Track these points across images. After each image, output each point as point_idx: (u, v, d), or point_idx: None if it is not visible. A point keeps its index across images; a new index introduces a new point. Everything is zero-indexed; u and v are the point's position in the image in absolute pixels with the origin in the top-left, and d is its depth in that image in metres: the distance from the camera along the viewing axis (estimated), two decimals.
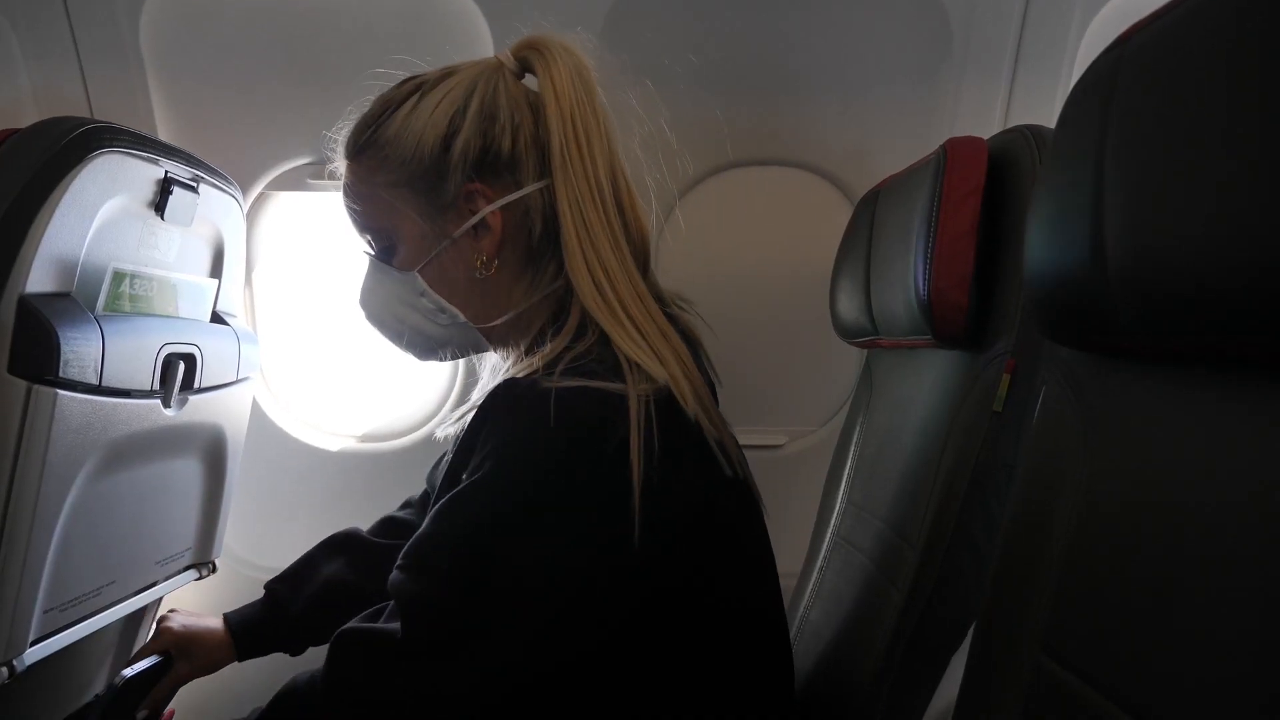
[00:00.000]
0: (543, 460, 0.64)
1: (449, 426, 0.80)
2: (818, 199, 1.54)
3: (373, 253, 0.83)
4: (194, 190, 1.18)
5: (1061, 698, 0.51)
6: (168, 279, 1.16)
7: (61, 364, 0.95)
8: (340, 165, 0.82)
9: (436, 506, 0.68)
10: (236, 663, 1.11)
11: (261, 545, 1.63)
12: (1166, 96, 0.44)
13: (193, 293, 1.23)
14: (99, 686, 1.36)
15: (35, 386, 0.94)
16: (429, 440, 1.63)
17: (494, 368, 0.88)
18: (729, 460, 0.72)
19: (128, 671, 0.99)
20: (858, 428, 1.21)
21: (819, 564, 1.17)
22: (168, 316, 1.17)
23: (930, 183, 0.90)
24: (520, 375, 0.68)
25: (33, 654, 1.02)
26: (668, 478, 0.65)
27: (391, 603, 0.69)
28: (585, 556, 0.65)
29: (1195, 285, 0.41)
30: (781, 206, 1.56)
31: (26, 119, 1.04)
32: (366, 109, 0.82)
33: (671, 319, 0.77)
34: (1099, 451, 0.53)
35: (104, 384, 1.02)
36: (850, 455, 1.20)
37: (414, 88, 0.78)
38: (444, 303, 0.79)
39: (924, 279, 0.88)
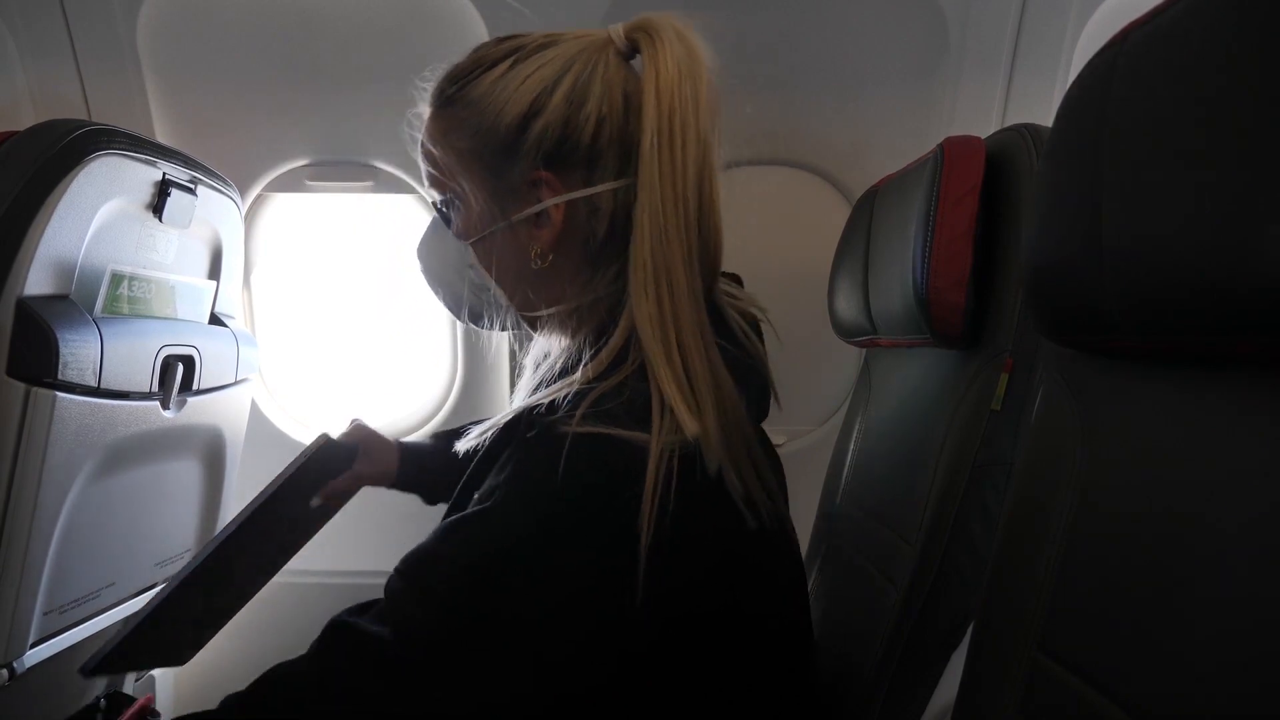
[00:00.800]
0: (547, 510, 0.61)
1: (472, 440, 0.75)
2: (815, 198, 1.54)
3: (438, 206, 0.78)
4: (192, 192, 1.18)
5: (1060, 695, 0.51)
6: (166, 281, 1.16)
7: (60, 366, 0.95)
8: (424, 110, 0.77)
9: (443, 523, 0.67)
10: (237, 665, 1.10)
11: None
12: (1163, 94, 0.44)
13: (191, 294, 1.23)
14: (99, 688, 1.36)
15: (34, 389, 0.94)
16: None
17: (535, 361, 0.84)
18: (756, 513, 0.67)
19: (333, 434, 0.99)
20: (856, 427, 1.21)
21: (818, 563, 1.17)
22: (166, 318, 1.18)
23: (928, 182, 0.90)
24: (547, 402, 0.64)
25: (33, 656, 1.02)
26: (679, 538, 0.61)
27: (383, 600, 0.68)
28: (579, 609, 0.63)
29: (1193, 284, 0.41)
30: (779, 206, 1.57)
31: (24, 120, 1.05)
32: (461, 57, 0.76)
33: (724, 348, 0.70)
34: (1096, 450, 0.53)
35: (103, 386, 1.02)
36: (849, 454, 1.20)
37: (511, 49, 0.72)
38: (490, 282, 0.76)
39: (922, 279, 0.88)
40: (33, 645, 1.03)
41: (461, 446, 0.79)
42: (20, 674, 1.00)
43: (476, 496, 0.66)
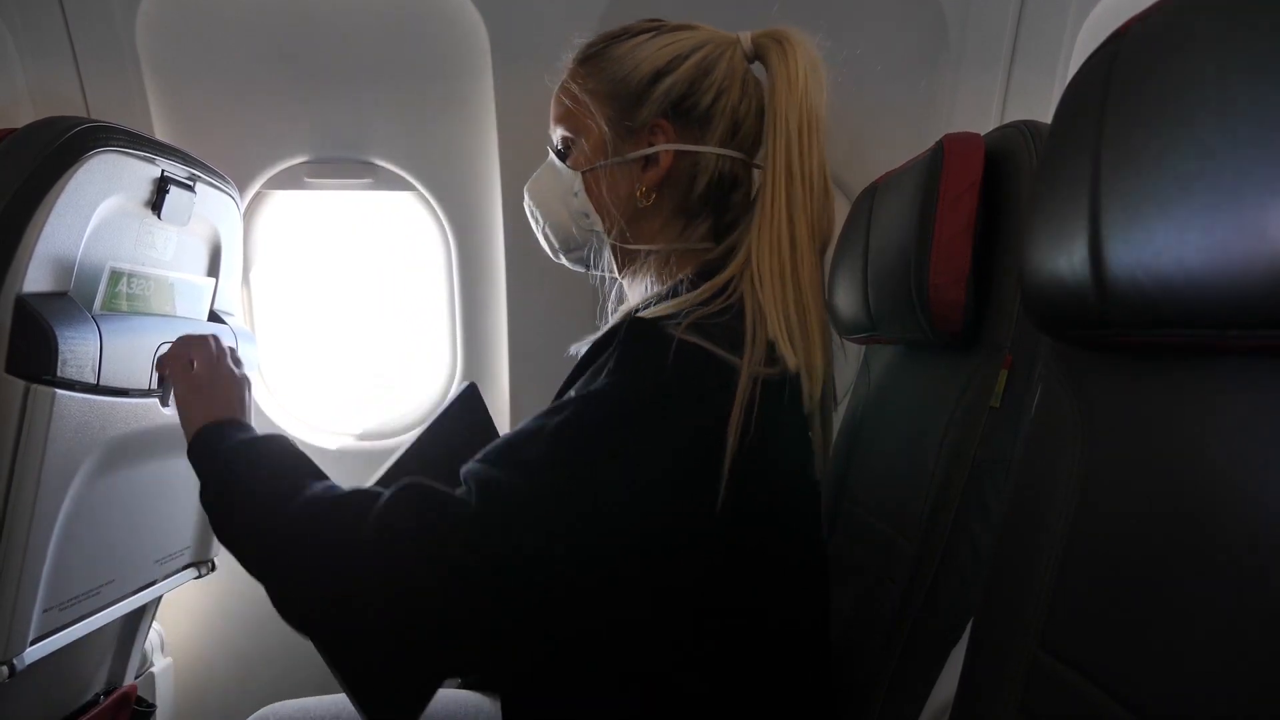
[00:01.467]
0: (648, 395, 0.67)
1: (582, 345, 0.83)
2: None
3: (556, 146, 0.90)
4: (191, 189, 1.18)
5: (1059, 691, 0.51)
6: (165, 278, 1.16)
7: (59, 363, 0.95)
8: (565, 63, 0.89)
9: (542, 410, 0.70)
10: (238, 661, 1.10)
11: None
12: (1162, 91, 0.44)
13: (190, 292, 1.23)
14: (99, 685, 1.36)
15: (33, 386, 0.94)
16: None
17: (625, 309, 0.91)
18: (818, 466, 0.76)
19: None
20: (856, 423, 1.21)
21: None
22: (165, 315, 1.17)
23: (927, 179, 0.90)
24: (651, 315, 0.71)
25: (33, 653, 1.02)
26: (756, 462, 0.67)
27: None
28: (660, 499, 0.67)
29: (1193, 280, 0.41)
30: None
31: (23, 118, 1.04)
32: (609, 28, 0.89)
33: None
34: (1096, 446, 0.53)
35: (102, 383, 1.02)
36: (848, 451, 1.20)
37: (653, 25, 0.85)
38: (591, 208, 0.86)
39: (921, 276, 0.88)
40: (33, 642, 1.03)
41: (574, 349, 0.88)
42: (20, 671, 1.00)
43: (571, 393, 0.71)
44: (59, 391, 0.96)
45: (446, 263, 1.59)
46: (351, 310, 1.72)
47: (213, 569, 1.42)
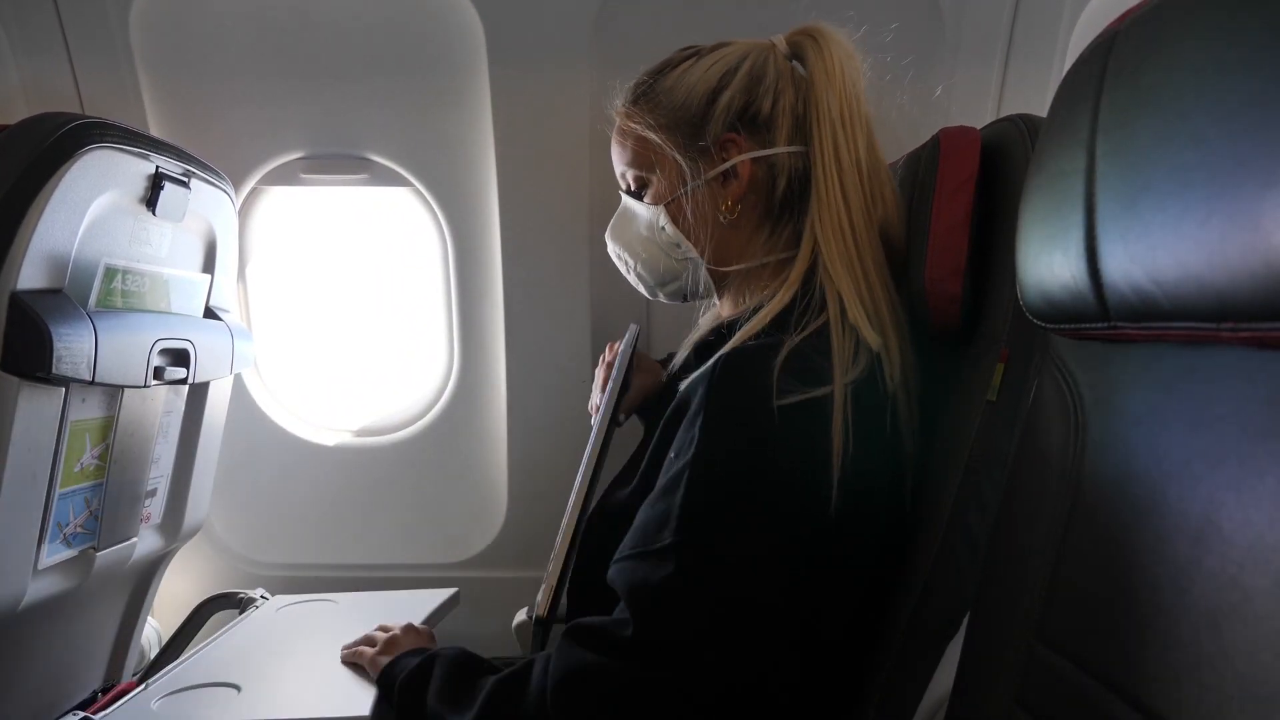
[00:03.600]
0: (755, 453, 0.69)
1: (681, 352, 0.87)
2: None
3: (630, 188, 0.91)
4: (185, 185, 1.18)
5: (1055, 683, 0.51)
6: (160, 274, 1.16)
7: (54, 361, 0.94)
8: (614, 111, 0.91)
9: (652, 493, 0.72)
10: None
11: (260, 541, 1.63)
12: (1158, 82, 0.44)
13: (185, 288, 1.23)
14: (97, 682, 1.36)
15: (28, 383, 0.94)
16: (425, 434, 1.63)
17: (714, 314, 0.94)
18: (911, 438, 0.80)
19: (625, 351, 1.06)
20: None
21: None
22: (160, 312, 1.17)
23: (923, 172, 0.90)
24: (744, 344, 0.74)
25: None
26: (858, 462, 0.70)
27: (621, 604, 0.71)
28: (791, 548, 0.69)
29: (1188, 272, 0.41)
30: None
31: (17, 114, 1.04)
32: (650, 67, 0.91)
33: None
34: (1092, 439, 0.53)
35: (97, 380, 1.02)
36: None
37: (691, 52, 0.88)
38: (682, 237, 0.87)
39: (918, 270, 0.88)
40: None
41: (676, 362, 0.91)
42: (18, 667, 1.01)
43: (673, 452, 0.73)
44: (54, 388, 0.96)
45: (443, 258, 1.59)
46: (348, 306, 1.72)
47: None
